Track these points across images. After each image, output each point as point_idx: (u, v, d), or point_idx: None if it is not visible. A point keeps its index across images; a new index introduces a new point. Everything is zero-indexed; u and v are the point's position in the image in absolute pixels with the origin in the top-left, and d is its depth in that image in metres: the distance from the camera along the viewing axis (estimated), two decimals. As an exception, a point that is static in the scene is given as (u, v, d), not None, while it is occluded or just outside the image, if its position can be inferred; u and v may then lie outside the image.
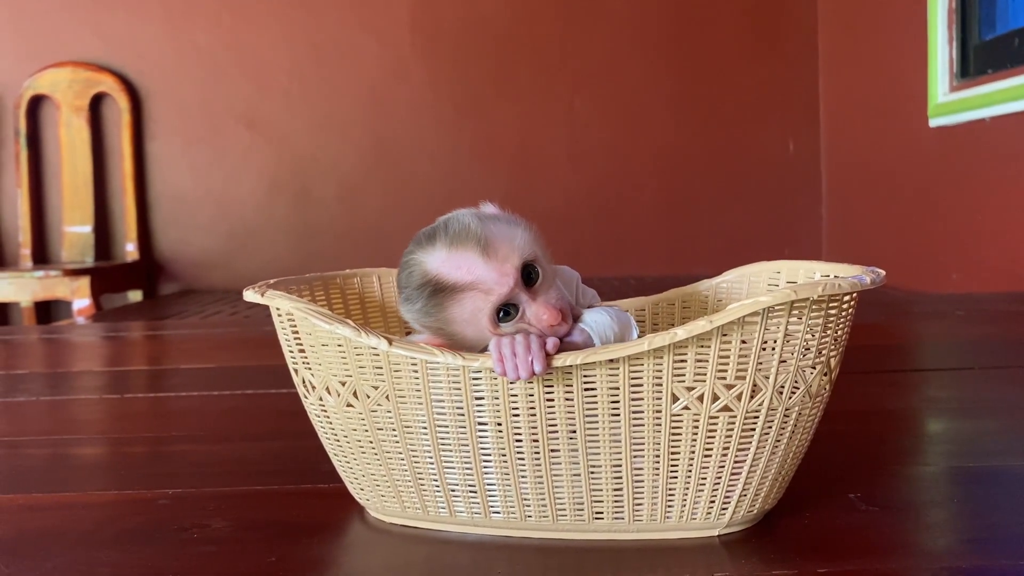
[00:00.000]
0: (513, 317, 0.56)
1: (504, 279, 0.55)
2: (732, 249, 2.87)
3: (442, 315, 0.57)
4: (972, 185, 2.06)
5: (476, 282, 0.55)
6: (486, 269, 0.55)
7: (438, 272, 0.56)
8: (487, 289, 0.55)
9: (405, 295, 0.58)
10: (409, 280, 0.58)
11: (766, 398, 0.53)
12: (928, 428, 0.86)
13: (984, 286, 2.00)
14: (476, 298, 0.55)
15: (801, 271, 0.66)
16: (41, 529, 0.61)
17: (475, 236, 0.56)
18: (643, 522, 0.55)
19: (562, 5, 2.88)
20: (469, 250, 0.55)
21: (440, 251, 0.56)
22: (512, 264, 0.56)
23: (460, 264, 0.56)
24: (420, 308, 0.57)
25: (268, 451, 0.81)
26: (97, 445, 0.86)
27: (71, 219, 2.83)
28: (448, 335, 0.58)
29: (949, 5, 2.11)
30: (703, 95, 2.91)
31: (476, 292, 0.55)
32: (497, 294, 0.55)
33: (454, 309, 0.56)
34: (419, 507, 0.58)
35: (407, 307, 0.59)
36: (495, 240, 0.56)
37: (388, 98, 2.88)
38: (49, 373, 1.30)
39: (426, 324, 0.58)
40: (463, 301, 0.56)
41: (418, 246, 0.58)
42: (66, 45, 2.83)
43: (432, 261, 0.57)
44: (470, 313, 0.56)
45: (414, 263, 0.58)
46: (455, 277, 0.56)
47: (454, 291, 0.56)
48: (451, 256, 0.56)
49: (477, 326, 0.56)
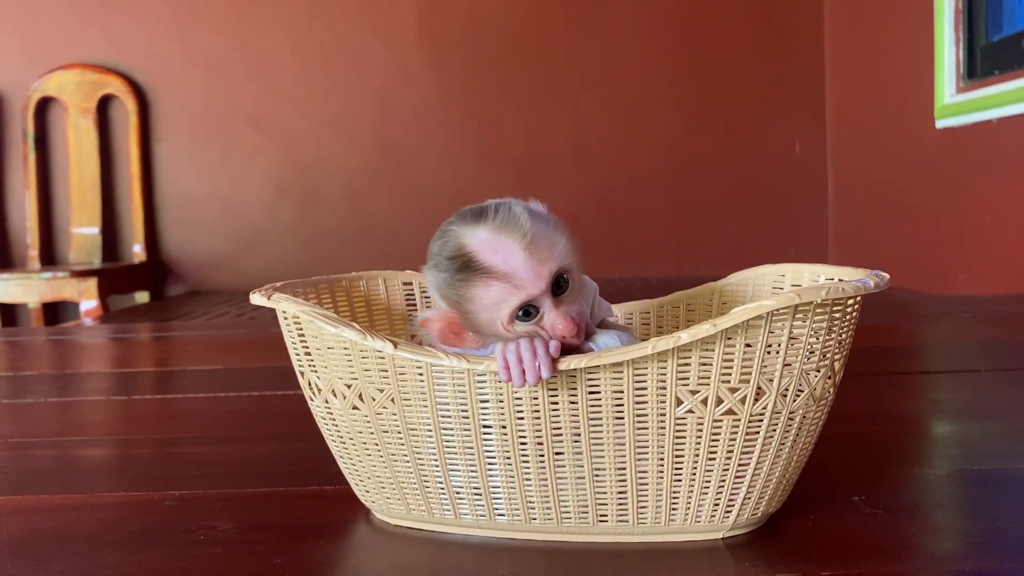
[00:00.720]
0: (532, 318, 0.56)
1: (539, 280, 0.55)
2: (738, 250, 2.87)
3: (464, 292, 0.57)
4: (979, 187, 2.05)
5: (510, 273, 0.55)
6: (524, 265, 0.55)
7: (476, 251, 0.56)
8: (519, 284, 0.55)
9: (435, 262, 0.58)
10: (443, 249, 0.58)
11: (770, 402, 0.53)
12: (933, 431, 0.85)
13: (990, 288, 1.99)
14: (504, 289, 0.55)
15: (806, 274, 0.66)
16: (49, 530, 0.62)
17: (522, 229, 0.56)
18: (647, 525, 0.55)
19: (569, 7, 2.89)
20: (513, 240, 0.56)
21: (483, 231, 0.56)
22: (549, 268, 0.56)
23: (499, 250, 0.56)
24: (445, 279, 0.57)
25: (274, 453, 0.81)
26: (104, 447, 0.87)
27: (79, 220, 2.84)
28: (462, 312, 0.58)
29: (956, 6, 2.10)
30: (709, 96, 2.91)
31: (507, 283, 0.55)
32: (527, 292, 0.55)
33: (479, 291, 0.56)
34: (424, 509, 0.58)
35: (433, 273, 0.59)
36: (539, 239, 0.56)
37: (394, 100, 2.89)
38: (57, 374, 1.30)
39: (444, 294, 0.58)
40: (491, 287, 0.56)
41: (462, 220, 0.58)
42: (74, 47, 2.85)
43: (473, 238, 0.57)
44: (493, 301, 0.56)
45: (453, 234, 0.58)
46: (491, 261, 0.56)
47: (485, 274, 0.56)
48: (493, 239, 0.56)
49: (494, 315, 0.56)
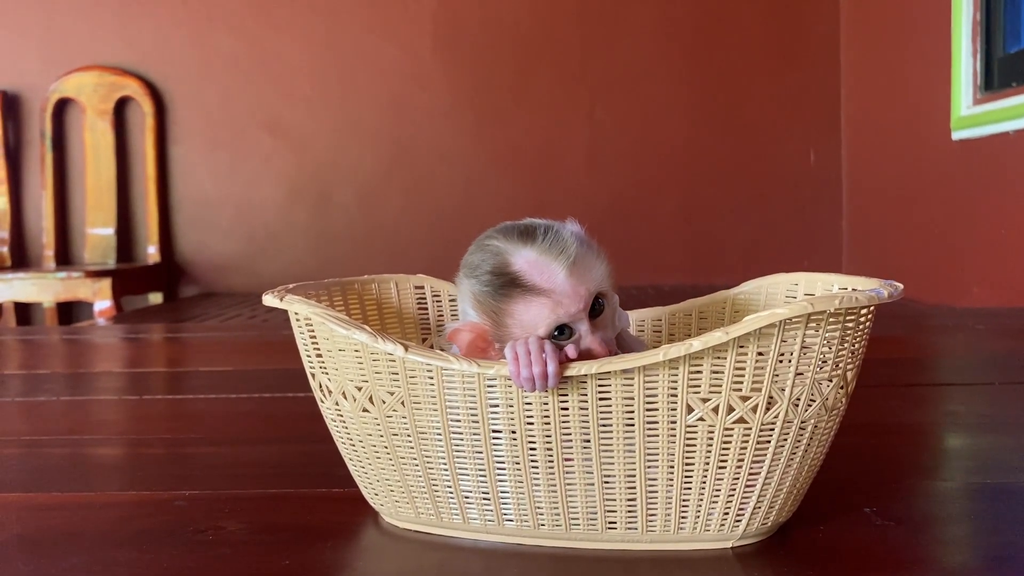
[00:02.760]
0: (566, 337, 0.57)
1: (578, 299, 0.57)
2: (751, 259, 2.86)
3: (504, 306, 0.58)
4: (994, 199, 2.04)
5: (553, 291, 0.57)
6: (566, 284, 0.57)
7: (522, 270, 0.58)
8: (559, 302, 0.57)
9: (475, 275, 0.60)
10: (484, 263, 0.59)
11: (781, 411, 0.52)
12: (947, 443, 0.85)
13: (1005, 300, 1.98)
14: (545, 306, 0.57)
15: (819, 283, 0.66)
16: (60, 528, 0.62)
17: (569, 252, 0.58)
18: (656, 532, 0.55)
19: (583, 14, 2.89)
20: (559, 262, 0.58)
21: (531, 252, 0.58)
22: (588, 289, 0.58)
23: (545, 270, 0.58)
24: (485, 292, 0.59)
25: (284, 455, 0.81)
26: (116, 446, 0.87)
27: (94, 221, 2.86)
28: (497, 323, 0.58)
29: (973, 17, 2.09)
30: (724, 105, 2.90)
31: (548, 300, 0.57)
32: (566, 311, 0.57)
33: (519, 307, 0.57)
34: (432, 513, 0.58)
35: (470, 284, 0.60)
36: (581, 261, 0.58)
37: (409, 105, 2.90)
38: (70, 373, 1.31)
39: (483, 307, 0.59)
40: (531, 304, 0.57)
41: (508, 238, 0.59)
42: (92, 50, 2.87)
43: (519, 258, 0.58)
44: (532, 316, 0.57)
45: (496, 250, 0.59)
46: (536, 281, 0.57)
47: (529, 291, 0.57)
48: (540, 261, 0.58)
49: (530, 330, 0.57)
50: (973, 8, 2.09)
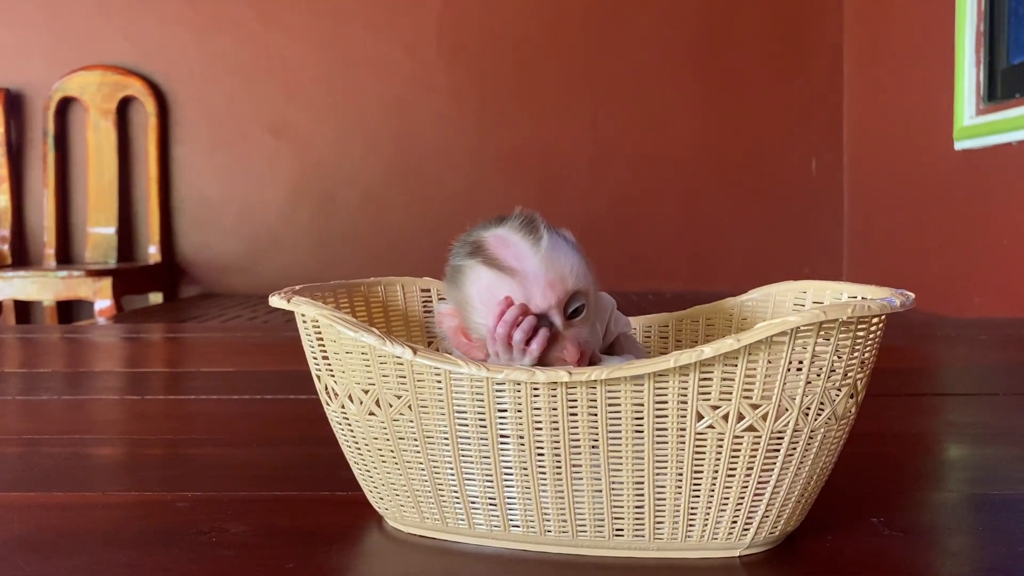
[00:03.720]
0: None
1: (549, 293, 0.55)
2: (752, 267, 2.86)
3: (468, 282, 0.57)
4: (997, 209, 2.04)
5: (520, 272, 0.55)
6: (536, 272, 0.55)
7: (487, 241, 0.57)
8: (528, 289, 0.55)
9: (450, 255, 0.59)
10: (460, 244, 0.59)
11: (792, 419, 0.52)
12: (952, 453, 0.84)
13: (1007, 311, 1.98)
14: (511, 289, 0.55)
15: (828, 291, 0.65)
16: (61, 528, 0.62)
17: (538, 235, 0.56)
18: (664, 540, 0.55)
19: (587, 20, 2.89)
20: (527, 242, 0.56)
21: (501, 228, 0.57)
22: (564, 287, 0.56)
23: (512, 246, 0.56)
24: (452, 267, 0.58)
25: (287, 457, 0.81)
26: (117, 446, 0.87)
27: (95, 220, 2.86)
28: (462, 305, 0.58)
29: (977, 28, 2.10)
30: (726, 112, 2.90)
31: (513, 283, 0.55)
32: (534, 303, 0.55)
33: (483, 283, 0.56)
34: (438, 518, 0.58)
35: (447, 269, 0.59)
36: (557, 255, 0.56)
37: (413, 108, 2.90)
38: (70, 372, 1.31)
39: (449, 283, 0.59)
40: (496, 282, 0.56)
41: (486, 222, 0.59)
42: (96, 49, 2.87)
43: (488, 232, 0.58)
44: (495, 297, 0.55)
45: (474, 232, 0.59)
46: (501, 254, 0.56)
47: (492, 264, 0.56)
48: (509, 236, 0.56)
49: (489, 316, 0.56)
50: (977, 19, 2.10)
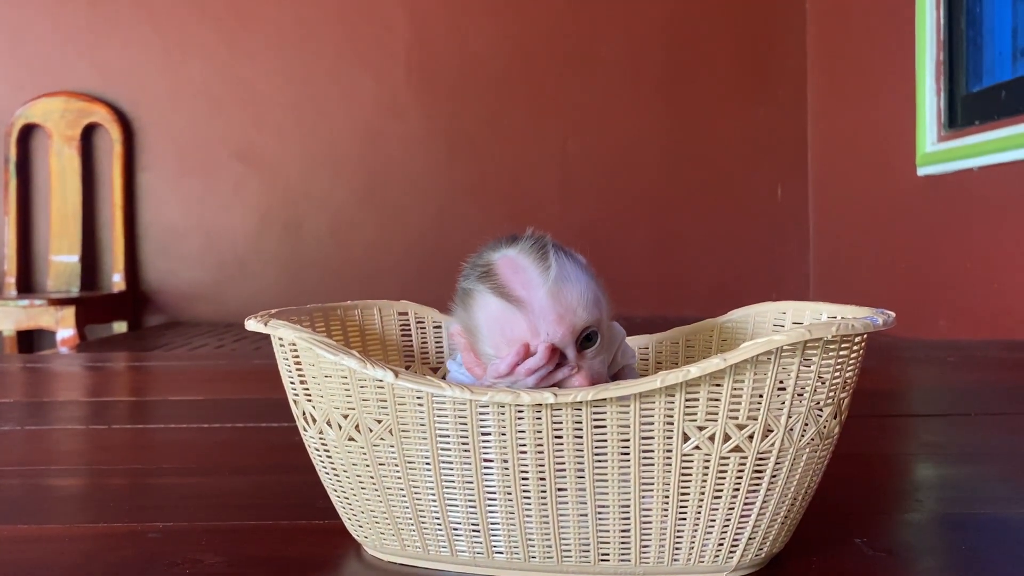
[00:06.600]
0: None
1: (559, 326, 0.52)
2: (720, 292, 2.88)
3: (475, 308, 0.55)
4: (960, 234, 2.08)
5: (528, 303, 0.52)
6: (544, 302, 0.52)
7: (496, 264, 0.54)
8: (533, 320, 0.52)
9: (462, 272, 0.56)
10: (472, 263, 0.56)
11: (777, 439, 0.52)
12: (929, 473, 0.85)
13: (971, 333, 2.01)
14: (521, 320, 0.52)
15: (807, 312, 0.66)
16: (27, 561, 0.59)
17: (547, 262, 0.53)
18: (650, 564, 0.54)
19: (557, 49, 2.92)
20: (538, 271, 0.52)
21: (511, 250, 0.55)
22: (578, 318, 0.52)
23: (521, 272, 0.53)
24: (461, 291, 0.56)
25: (261, 485, 0.79)
26: (83, 476, 0.84)
27: (58, 248, 2.81)
28: (469, 330, 0.56)
29: (937, 57, 2.15)
30: (693, 140, 2.94)
31: (523, 315, 0.52)
32: (543, 335, 0.52)
33: (491, 312, 0.54)
34: (419, 545, 0.57)
35: (460, 283, 0.56)
36: (569, 283, 0.53)
37: (382, 134, 2.90)
38: (32, 402, 1.27)
39: (457, 307, 0.57)
40: (505, 314, 0.53)
41: (498, 243, 0.56)
42: (60, 75, 2.84)
43: (498, 254, 0.55)
44: (504, 329, 0.53)
45: (486, 251, 0.56)
46: (510, 280, 0.53)
47: (500, 294, 0.53)
48: (519, 260, 0.54)
49: (501, 347, 0.54)
50: (936, 48, 2.15)
